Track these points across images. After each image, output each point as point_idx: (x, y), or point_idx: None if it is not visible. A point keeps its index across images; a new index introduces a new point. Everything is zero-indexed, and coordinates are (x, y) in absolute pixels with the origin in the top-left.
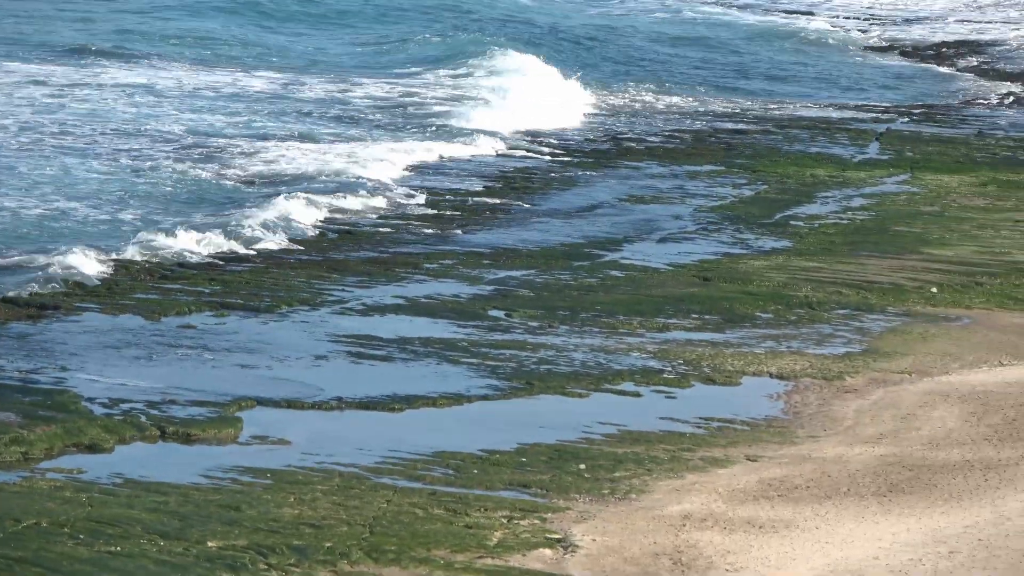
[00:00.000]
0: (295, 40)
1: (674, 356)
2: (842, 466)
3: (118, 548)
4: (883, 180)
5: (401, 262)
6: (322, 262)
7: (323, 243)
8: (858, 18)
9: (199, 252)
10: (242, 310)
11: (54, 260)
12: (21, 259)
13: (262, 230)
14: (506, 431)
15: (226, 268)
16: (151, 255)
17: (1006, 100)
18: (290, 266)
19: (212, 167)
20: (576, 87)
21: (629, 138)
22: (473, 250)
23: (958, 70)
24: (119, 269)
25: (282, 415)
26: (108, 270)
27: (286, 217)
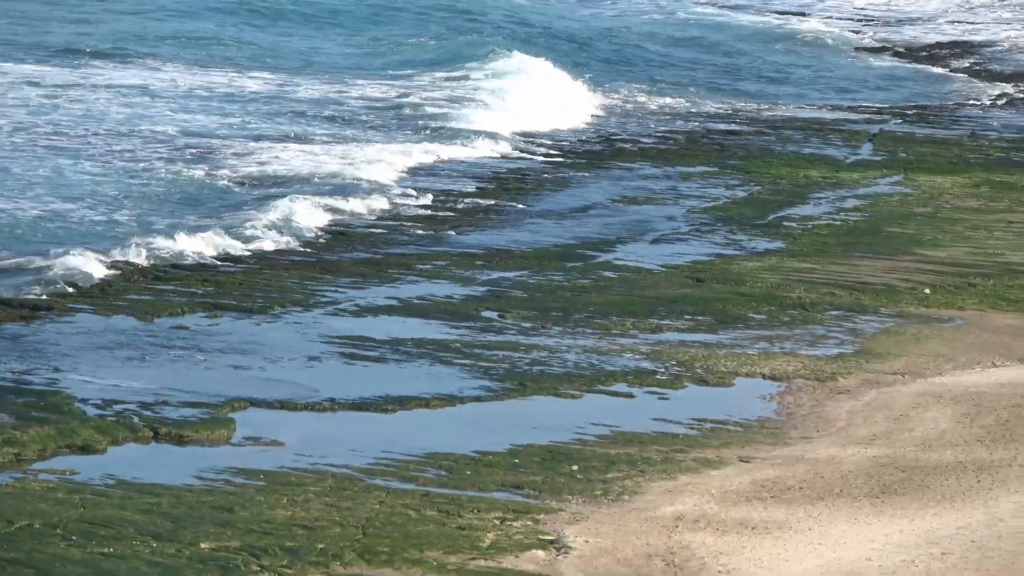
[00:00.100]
0: (290, 41)
1: (667, 357)
2: (835, 467)
3: (111, 549)
4: (876, 181)
5: (394, 263)
6: (315, 263)
7: (316, 244)
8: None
9: (192, 253)
10: (235, 311)
11: (50, 262)
12: (17, 260)
13: (256, 231)
14: (499, 432)
15: (219, 269)
16: (146, 256)
17: (999, 101)
18: (283, 267)
19: (206, 168)
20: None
21: (622, 139)
22: (466, 251)
23: (951, 71)
24: (115, 270)
25: (275, 416)
26: (104, 271)
27: (279, 218)
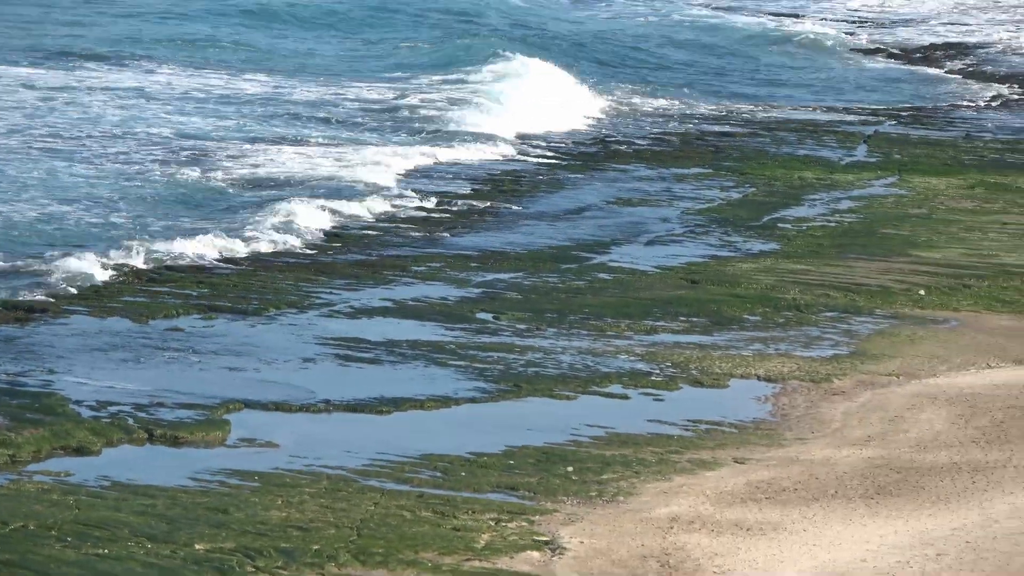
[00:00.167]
0: (286, 43)
1: (662, 358)
2: (830, 468)
3: (106, 551)
4: (871, 182)
5: (389, 265)
6: (310, 265)
7: (311, 246)
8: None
9: (187, 255)
10: (230, 313)
11: (46, 264)
12: (13, 263)
13: (251, 233)
14: (494, 433)
15: (214, 271)
16: (141, 259)
17: (994, 102)
18: (278, 269)
19: (202, 170)
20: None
21: (617, 141)
22: (461, 253)
23: (945, 72)
24: (110, 272)
25: (270, 418)
26: (100, 273)
27: (274, 220)
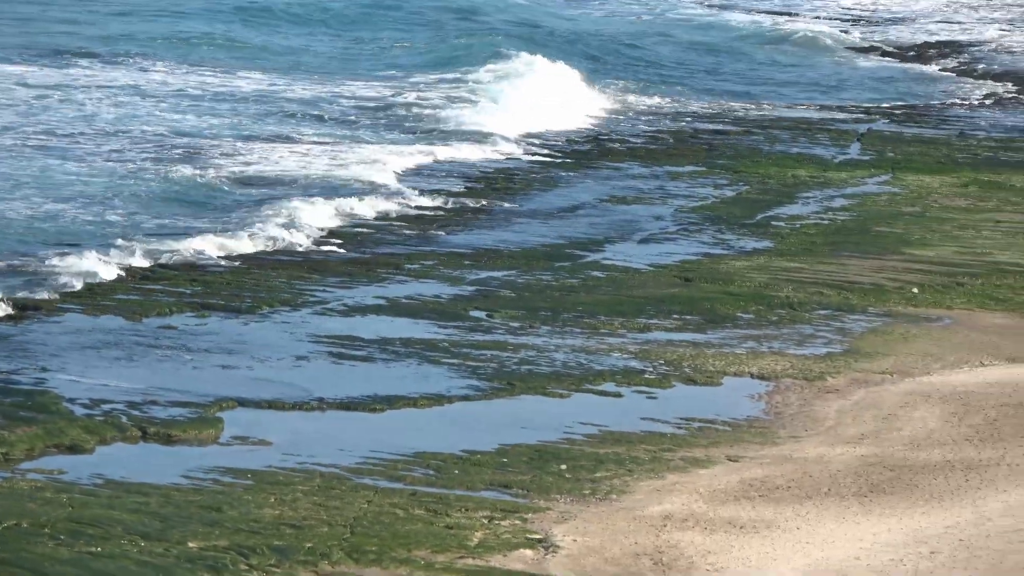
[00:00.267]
0: (281, 40)
1: (655, 356)
2: (823, 466)
3: (99, 549)
4: (864, 180)
5: (382, 263)
6: (303, 263)
7: (304, 244)
8: (838, 19)
9: (180, 253)
10: (223, 311)
11: (41, 262)
12: (8, 261)
13: (244, 231)
14: (487, 431)
15: (207, 269)
16: (134, 256)
17: (987, 100)
18: (271, 267)
19: (196, 168)
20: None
21: (610, 138)
22: (455, 251)
23: (939, 70)
24: (104, 270)
25: (263, 416)
26: (94, 271)
27: (268, 218)
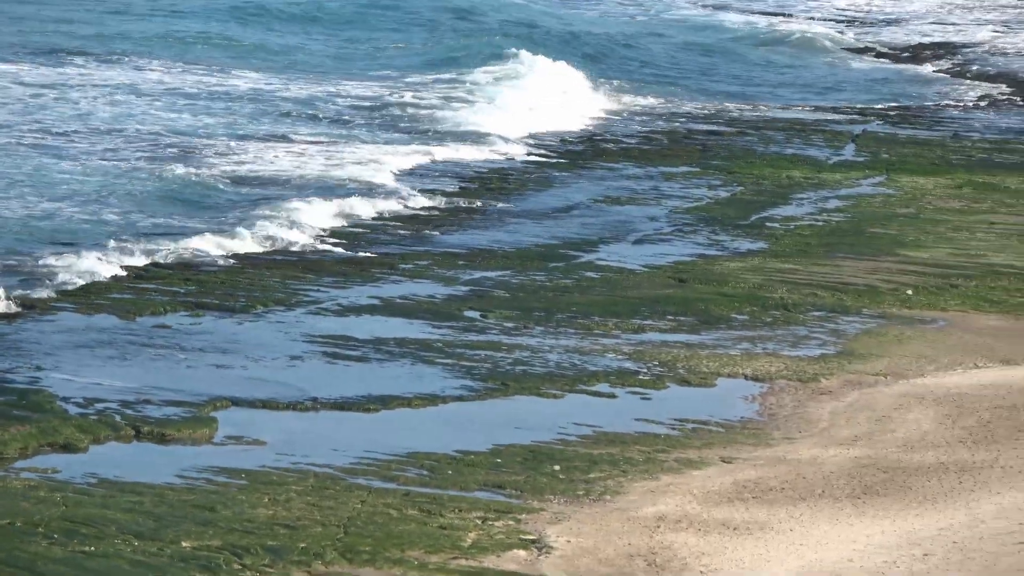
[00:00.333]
0: (277, 40)
1: (649, 357)
2: (817, 468)
3: (93, 548)
4: (859, 182)
5: (377, 263)
6: (297, 262)
7: (299, 243)
8: (833, 20)
9: (175, 252)
10: (217, 310)
11: (35, 260)
12: (3, 260)
13: (239, 230)
14: (481, 432)
15: (202, 268)
16: (129, 255)
17: (981, 102)
18: (266, 266)
19: (191, 167)
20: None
21: (605, 139)
22: (449, 251)
23: (934, 72)
24: (99, 269)
25: (257, 415)
26: (88, 270)
27: (263, 217)
